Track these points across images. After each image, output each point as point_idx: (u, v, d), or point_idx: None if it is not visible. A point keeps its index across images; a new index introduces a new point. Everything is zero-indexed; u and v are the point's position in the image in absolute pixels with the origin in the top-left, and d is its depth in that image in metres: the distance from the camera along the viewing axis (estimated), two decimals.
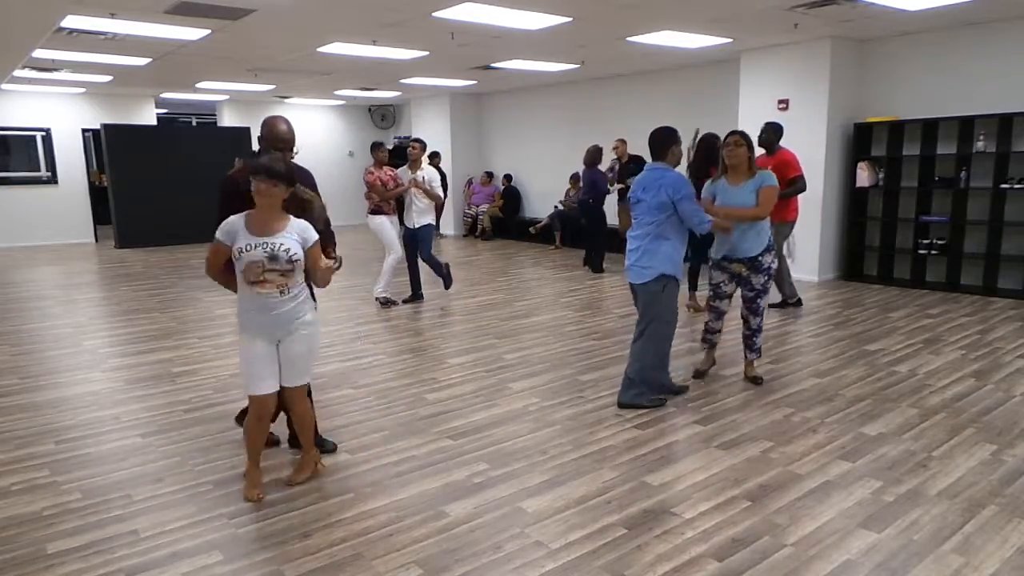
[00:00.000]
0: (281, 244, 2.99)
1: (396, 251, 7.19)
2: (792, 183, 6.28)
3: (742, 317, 4.66)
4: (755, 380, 4.67)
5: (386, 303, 7.24)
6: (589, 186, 9.24)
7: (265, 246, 2.97)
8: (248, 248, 2.96)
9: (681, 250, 4.23)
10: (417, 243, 7.31)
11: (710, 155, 6.84)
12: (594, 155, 9.21)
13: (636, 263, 4.23)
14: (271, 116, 3.52)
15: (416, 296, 7.53)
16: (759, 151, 6.81)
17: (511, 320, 6.62)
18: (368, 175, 7.16)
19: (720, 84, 9.55)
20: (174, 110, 16.15)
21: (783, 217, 6.37)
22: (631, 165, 9.14)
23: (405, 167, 7.25)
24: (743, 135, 4.42)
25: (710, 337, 4.84)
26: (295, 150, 3.52)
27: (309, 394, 3.42)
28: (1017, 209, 7.26)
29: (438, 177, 7.44)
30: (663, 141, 4.22)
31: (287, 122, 3.49)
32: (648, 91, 10.77)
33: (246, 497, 3.15)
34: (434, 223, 7.45)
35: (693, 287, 7.03)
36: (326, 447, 3.65)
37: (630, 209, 4.35)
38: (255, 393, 3.11)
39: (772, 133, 6.42)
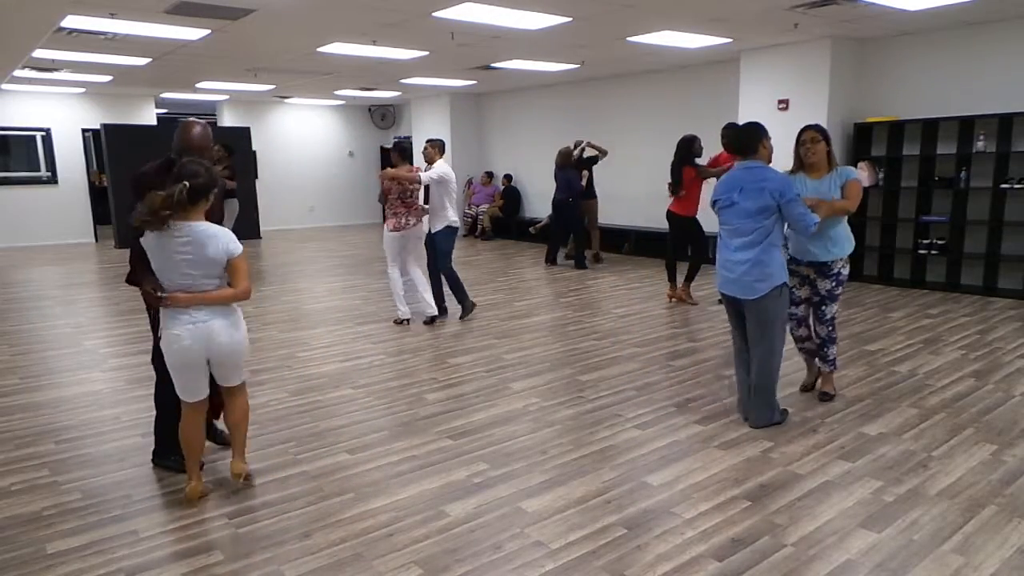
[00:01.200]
0: None
1: (390, 264, 6.44)
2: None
3: (809, 325, 4.36)
4: (824, 396, 4.31)
5: (399, 321, 6.51)
6: (565, 185, 9.47)
7: None
8: None
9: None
10: (432, 251, 6.57)
11: (686, 157, 6.95)
12: (565, 156, 9.50)
13: (745, 276, 3.77)
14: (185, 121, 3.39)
15: (440, 312, 6.70)
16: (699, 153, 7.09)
17: (511, 320, 6.61)
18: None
19: (720, 84, 9.55)
20: (174, 110, 16.15)
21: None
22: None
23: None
24: (819, 129, 4.15)
25: (802, 346, 4.45)
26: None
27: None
28: (1017, 209, 7.26)
29: (446, 174, 6.44)
30: (754, 136, 3.83)
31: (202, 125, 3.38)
32: (648, 91, 10.77)
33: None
34: (456, 225, 6.55)
35: (689, 279, 7.24)
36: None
37: (717, 213, 3.92)
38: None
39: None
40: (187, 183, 2.87)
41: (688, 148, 7.00)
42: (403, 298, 6.52)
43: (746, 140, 3.85)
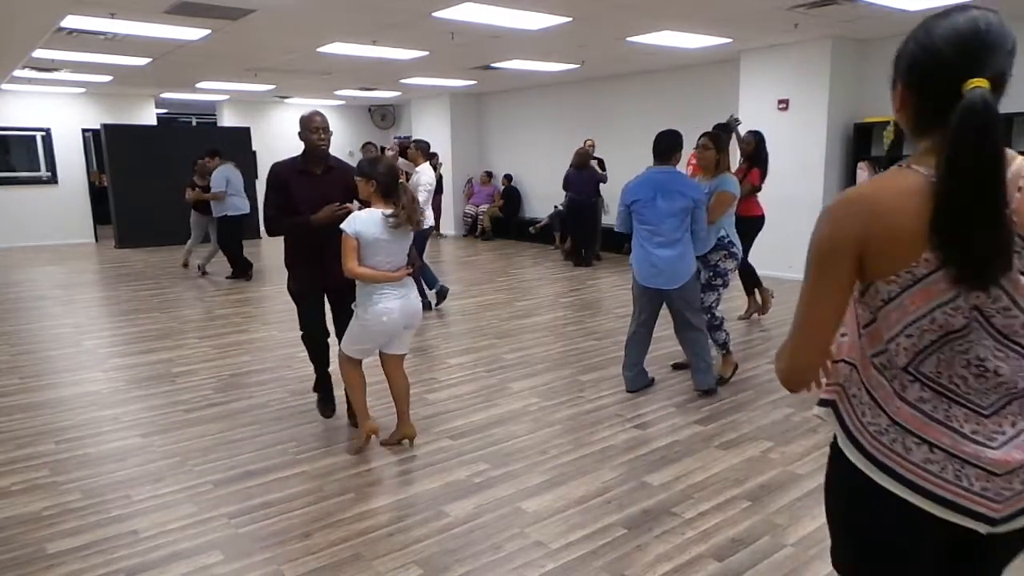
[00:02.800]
0: None
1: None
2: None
3: None
4: (719, 379, 4.63)
5: None
6: (588, 184, 9.57)
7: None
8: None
9: None
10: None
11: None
12: (584, 156, 9.64)
13: (669, 269, 4.23)
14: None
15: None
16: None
17: (511, 320, 6.62)
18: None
19: (720, 84, 9.55)
20: (174, 110, 16.15)
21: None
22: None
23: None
24: (712, 137, 4.56)
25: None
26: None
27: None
28: None
29: (430, 179, 6.83)
30: (673, 144, 4.25)
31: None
32: (648, 91, 10.77)
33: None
34: (432, 224, 7.18)
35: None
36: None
37: (634, 213, 4.31)
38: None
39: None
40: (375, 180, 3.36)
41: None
42: None
43: (667, 147, 4.25)
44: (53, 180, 12.78)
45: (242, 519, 2.99)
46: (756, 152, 6.21)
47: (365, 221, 3.31)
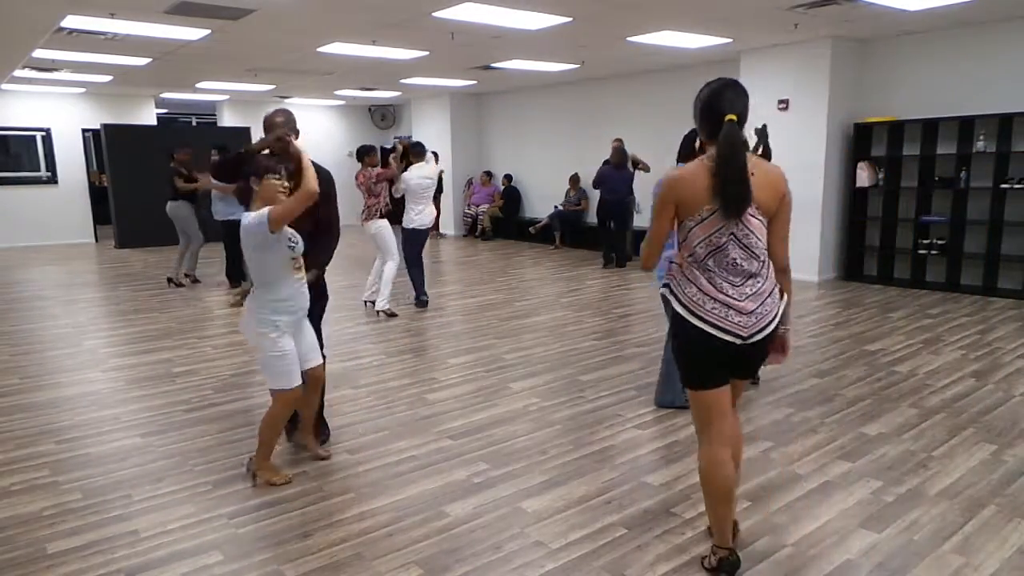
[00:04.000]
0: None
1: (396, 257, 6.84)
2: None
3: None
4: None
5: (390, 315, 6.76)
6: (625, 183, 9.50)
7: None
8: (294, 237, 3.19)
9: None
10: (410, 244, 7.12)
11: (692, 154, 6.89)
12: (622, 154, 9.50)
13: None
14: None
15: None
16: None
17: (511, 320, 6.62)
18: (361, 175, 6.71)
19: None
20: (174, 110, 16.15)
21: None
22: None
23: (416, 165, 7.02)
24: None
25: None
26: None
27: None
28: (1017, 209, 7.26)
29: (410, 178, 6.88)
30: (691, 145, 4.00)
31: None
32: (648, 91, 10.76)
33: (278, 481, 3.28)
34: (419, 227, 7.07)
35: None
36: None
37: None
38: (295, 384, 3.24)
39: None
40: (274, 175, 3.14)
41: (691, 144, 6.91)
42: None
43: (689, 147, 4.04)
44: (53, 180, 12.78)
45: (242, 519, 2.99)
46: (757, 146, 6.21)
47: None
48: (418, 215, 6.98)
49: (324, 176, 3.54)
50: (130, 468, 3.51)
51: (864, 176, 8.16)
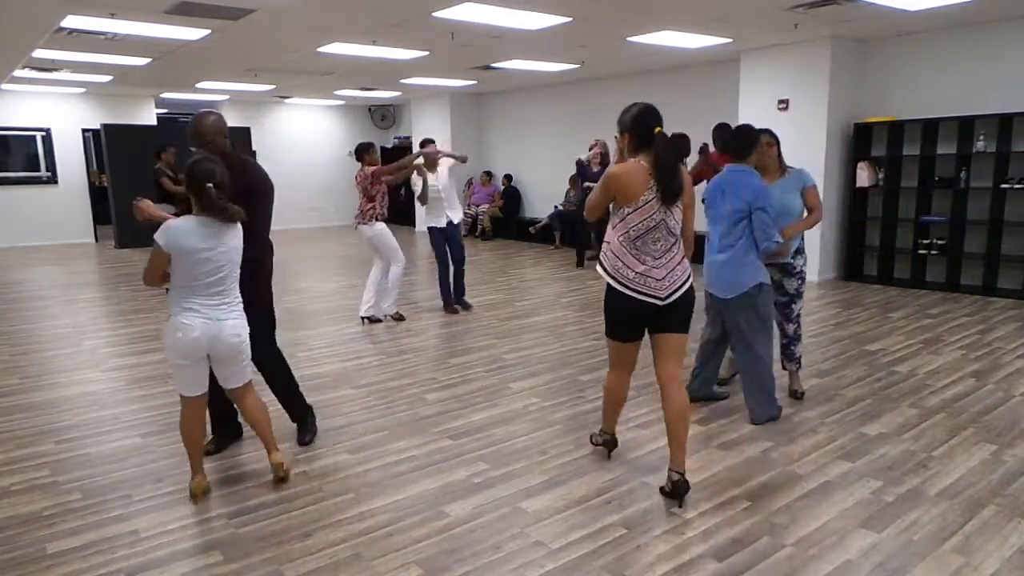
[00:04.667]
0: None
1: (402, 259, 6.53)
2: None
3: (777, 324, 4.28)
4: (795, 394, 4.34)
5: (398, 318, 6.60)
6: None
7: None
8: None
9: None
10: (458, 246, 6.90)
11: (679, 152, 6.82)
12: (608, 158, 9.34)
13: (721, 276, 3.88)
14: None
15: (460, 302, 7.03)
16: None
17: (511, 320, 6.61)
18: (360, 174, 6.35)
19: (720, 84, 9.55)
20: (174, 110, 16.13)
21: None
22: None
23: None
24: (772, 133, 4.16)
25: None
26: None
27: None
28: (1017, 209, 7.26)
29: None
30: (752, 141, 3.86)
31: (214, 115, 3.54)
32: (648, 91, 10.74)
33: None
34: (441, 225, 6.86)
35: None
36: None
37: (707, 213, 4.00)
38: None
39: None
40: (210, 184, 2.92)
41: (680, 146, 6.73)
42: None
43: (746, 143, 3.85)
44: (53, 180, 12.78)
45: (242, 519, 2.99)
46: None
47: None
48: (452, 212, 6.86)
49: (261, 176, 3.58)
50: (130, 468, 3.51)
51: (864, 176, 8.16)
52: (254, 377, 3.35)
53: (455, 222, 6.89)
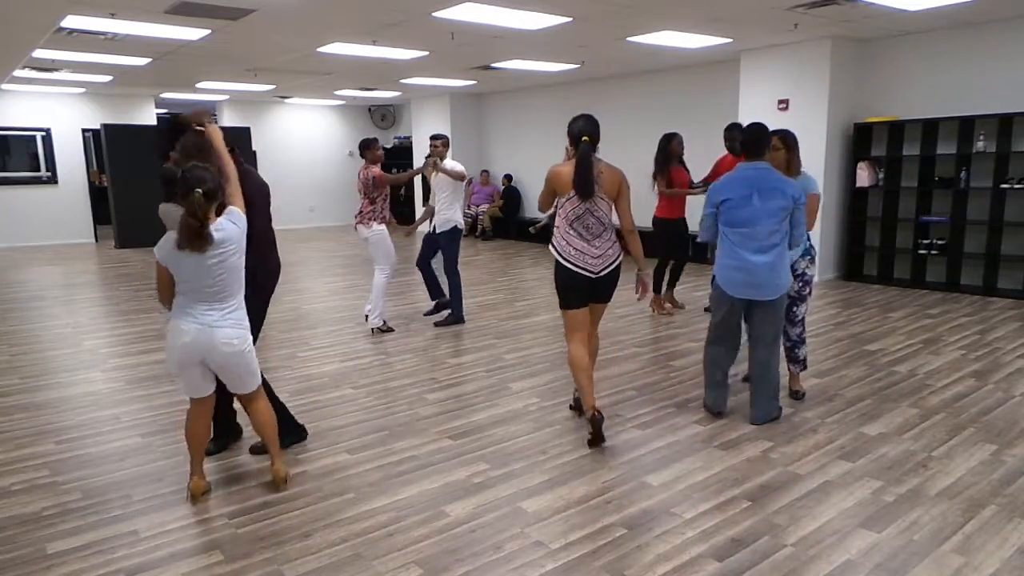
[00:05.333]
0: None
1: (389, 267, 6.24)
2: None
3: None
4: (795, 394, 4.35)
5: (385, 330, 6.24)
6: None
7: None
8: None
9: None
10: (437, 250, 6.60)
11: (669, 157, 6.75)
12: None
13: (766, 277, 3.78)
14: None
15: (443, 306, 6.67)
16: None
17: (511, 320, 6.61)
18: (364, 171, 6.16)
19: (720, 84, 9.55)
20: (174, 110, 16.15)
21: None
22: None
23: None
24: (783, 137, 4.12)
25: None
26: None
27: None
28: (1017, 209, 7.26)
29: (460, 166, 6.56)
30: (766, 139, 3.85)
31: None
32: (648, 91, 10.76)
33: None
34: (461, 226, 6.63)
35: (672, 285, 6.93)
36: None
37: (721, 214, 3.86)
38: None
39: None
40: (199, 190, 2.86)
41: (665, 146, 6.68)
42: None
43: (761, 141, 3.84)
44: (53, 180, 12.78)
45: (242, 519, 2.99)
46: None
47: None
48: (457, 213, 6.59)
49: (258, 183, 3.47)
50: (130, 468, 3.51)
51: (864, 176, 8.16)
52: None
53: (438, 230, 6.57)
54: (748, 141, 3.87)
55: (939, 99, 7.68)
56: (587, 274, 3.68)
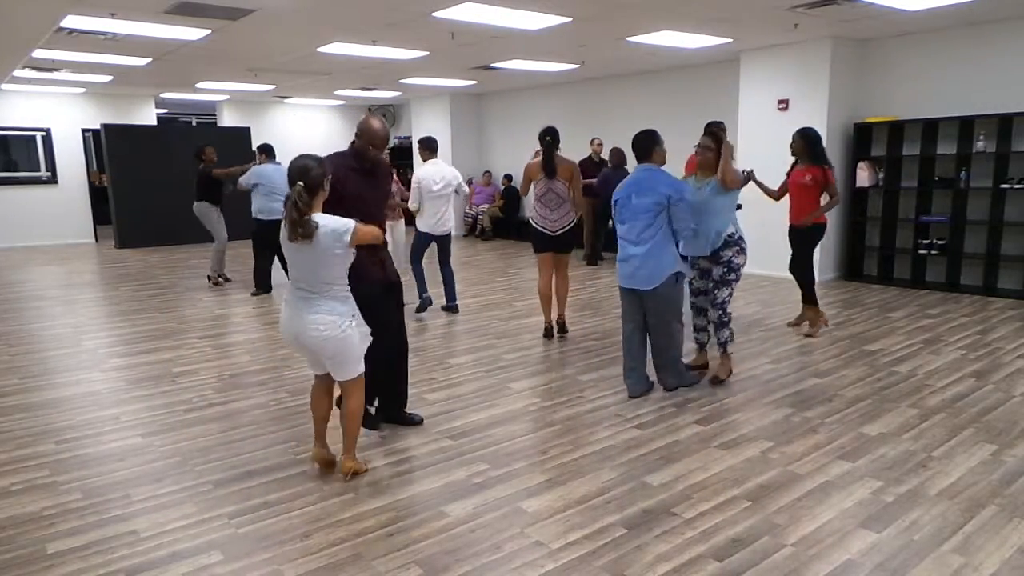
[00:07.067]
0: None
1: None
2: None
3: (699, 309, 4.85)
4: (715, 380, 4.64)
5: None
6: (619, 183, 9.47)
7: None
8: None
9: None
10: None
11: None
12: (622, 155, 9.39)
13: (640, 269, 4.30)
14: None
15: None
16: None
17: (511, 320, 6.61)
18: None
19: (720, 84, 9.55)
20: (174, 110, 16.15)
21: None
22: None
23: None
24: (716, 139, 4.54)
25: (697, 336, 4.96)
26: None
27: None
28: (1017, 209, 7.26)
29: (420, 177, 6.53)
30: (648, 143, 4.38)
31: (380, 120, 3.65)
32: (648, 91, 10.76)
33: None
34: (423, 228, 6.66)
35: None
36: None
37: (616, 214, 4.45)
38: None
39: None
40: (300, 183, 2.99)
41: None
42: None
43: (643, 147, 4.38)
44: (53, 180, 12.78)
45: (242, 519, 2.99)
46: (813, 149, 5.68)
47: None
48: (431, 217, 6.50)
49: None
50: (130, 468, 3.51)
51: (864, 176, 8.16)
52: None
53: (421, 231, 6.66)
54: (634, 146, 4.42)
55: (939, 99, 7.68)
56: (547, 232, 5.61)
